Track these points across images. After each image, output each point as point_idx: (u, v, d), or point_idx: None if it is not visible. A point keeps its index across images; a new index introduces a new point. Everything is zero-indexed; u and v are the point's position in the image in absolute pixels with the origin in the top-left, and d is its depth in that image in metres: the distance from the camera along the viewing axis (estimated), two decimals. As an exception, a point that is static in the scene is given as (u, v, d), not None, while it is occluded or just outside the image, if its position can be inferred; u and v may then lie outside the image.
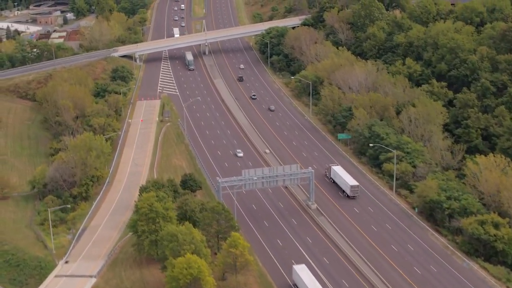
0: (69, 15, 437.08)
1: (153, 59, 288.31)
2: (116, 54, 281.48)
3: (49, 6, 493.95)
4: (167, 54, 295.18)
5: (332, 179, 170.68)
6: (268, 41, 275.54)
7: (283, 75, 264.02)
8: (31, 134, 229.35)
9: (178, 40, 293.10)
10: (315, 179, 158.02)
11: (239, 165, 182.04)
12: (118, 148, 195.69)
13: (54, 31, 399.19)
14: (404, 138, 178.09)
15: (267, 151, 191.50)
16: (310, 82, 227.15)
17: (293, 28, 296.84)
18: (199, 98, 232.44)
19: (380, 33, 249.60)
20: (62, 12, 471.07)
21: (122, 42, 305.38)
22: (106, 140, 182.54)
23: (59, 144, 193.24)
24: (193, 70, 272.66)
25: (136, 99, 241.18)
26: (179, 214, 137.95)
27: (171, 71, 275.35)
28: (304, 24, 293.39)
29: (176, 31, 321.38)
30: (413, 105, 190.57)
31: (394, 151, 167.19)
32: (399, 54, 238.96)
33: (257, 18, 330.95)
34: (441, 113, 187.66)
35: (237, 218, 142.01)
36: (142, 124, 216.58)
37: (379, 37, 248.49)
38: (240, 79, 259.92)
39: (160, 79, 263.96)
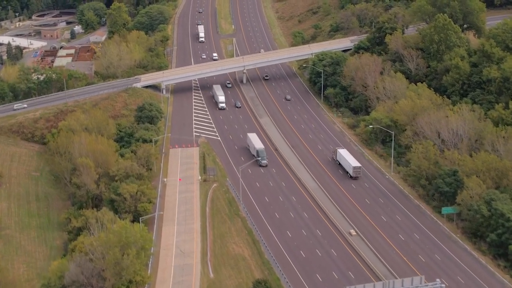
0: (77, 28, 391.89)
1: (182, 89, 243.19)
2: (138, 85, 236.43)
3: (53, 16, 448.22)
4: (197, 83, 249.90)
5: (338, 161, 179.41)
6: (322, 70, 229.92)
7: (343, 112, 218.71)
8: (40, 192, 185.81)
9: (210, 67, 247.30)
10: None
11: (320, 255, 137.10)
12: (155, 225, 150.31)
13: (61, 47, 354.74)
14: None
15: (353, 232, 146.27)
16: (393, 132, 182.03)
17: (344, 51, 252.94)
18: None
19: (465, 64, 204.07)
20: (68, 23, 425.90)
21: (144, 67, 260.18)
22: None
23: (79, 220, 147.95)
24: (224, 109, 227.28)
25: (168, 147, 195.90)
26: None
27: (205, 106, 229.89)
28: (358, 47, 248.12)
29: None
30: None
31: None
32: (491, 91, 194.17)
33: (298, 38, 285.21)
34: None
35: None
36: (181, 185, 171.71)
37: (463, 70, 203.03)
38: (290, 116, 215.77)
39: (194, 118, 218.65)
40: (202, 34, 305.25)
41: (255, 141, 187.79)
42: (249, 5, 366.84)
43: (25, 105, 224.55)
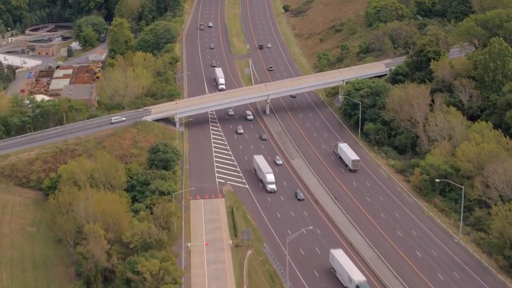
0: (74, 45, 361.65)
1: (198, 121, 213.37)
2: (149, 118, 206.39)
3: (48, 31, 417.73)
4: (214, 114, 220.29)
5: (338, 155, 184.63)
6: (359, 101, 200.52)
7: (386, 152, 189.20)
8: (38, 256, 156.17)
9: (229, 96, 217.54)
10: None
11: None
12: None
13: (58, 67, 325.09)
14: None
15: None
16: (463, 187, 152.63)
17: (378, 77, 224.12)
18: (310, 227, 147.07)
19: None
20: (64, 38, 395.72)
21: (153, 95, 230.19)
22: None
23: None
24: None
25: (189, 198, 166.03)
26: None
27: (226, 143, 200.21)
28: (396, 73, 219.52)
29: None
30: None
31: None
32: None
33: (323, 60, 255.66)
34: None
35: None
36: (209, 251, 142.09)
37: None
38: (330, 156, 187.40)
39: (215, 158, 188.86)
40: (222, 81, 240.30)
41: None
42: (262, 20, 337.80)
43: (124, 118, 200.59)
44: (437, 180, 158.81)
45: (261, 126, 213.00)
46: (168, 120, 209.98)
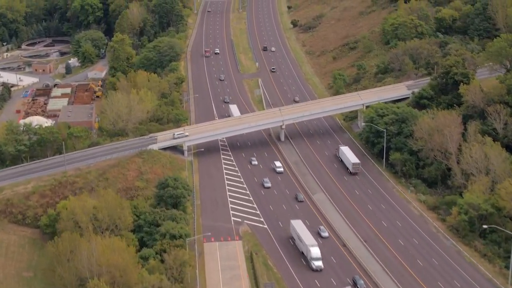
0: (73, 61, 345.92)
1: (207, 149, 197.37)
2: (155, 146, 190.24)
3: (45, 45, 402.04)
4: (225, 140, 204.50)
5: (340, 158, 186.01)
6: (384, 129, 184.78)
7: (416, 186, 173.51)
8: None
9: (242, 122, 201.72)
10: None
11: None
12: None
13: (55, 85, 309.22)
14: None
15: None
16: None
17: (400, 100, 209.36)
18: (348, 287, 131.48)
19: None
20: (62, 54, 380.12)
21: (158, 120, 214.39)
22: None
23: None
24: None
25: (202, 240, 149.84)
26: None
27: (240, 174, 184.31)
28: (420, 97, 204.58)
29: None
30: None
31: None
32: None
33: (339, 81, 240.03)
34: None
35: None
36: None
37: None
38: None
39: (228, 194, 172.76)
40: (236, 113, 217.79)
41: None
42: (270, 35, 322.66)
43: (187, 134, 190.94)
44: (485, 227, 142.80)
45: (275, 153, 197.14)
46: (175, 148, 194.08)
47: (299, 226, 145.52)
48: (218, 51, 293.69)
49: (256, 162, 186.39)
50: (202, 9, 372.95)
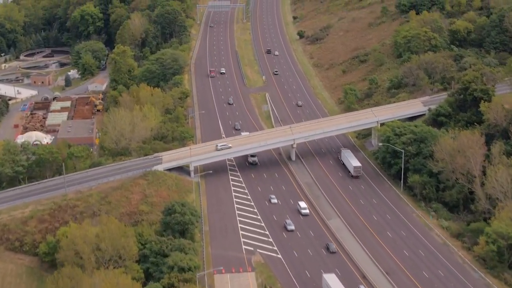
0: (72, 73, 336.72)
1: (214, 170, 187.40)
2: (160, 167, 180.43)
3: (44, 56, 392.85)
4: (233, 160, 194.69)
5: (342, 161, 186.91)
6: (402, 150, 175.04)
7: (437, 211, 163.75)
8: None
9: (251, 141, 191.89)
10: None
11: None
12: None
13: (55, 98, 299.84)
14: None
15: None
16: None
17: (416, 117, 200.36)
18: None
19: None
20: (61, 65, 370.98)
21: (163, 139, 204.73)
22: None
23: None
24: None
25: (212, 272, 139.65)
26: None
27: (250, 197, 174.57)
28: (437, 114, 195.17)
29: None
30: None
31: None
32: None
33: (350, 96, 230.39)
34: None
35: None
36: None
37: None
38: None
39: (238, 219, 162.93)
40: (254, 156, 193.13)
41: None
42: (276, 47, 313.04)
43: (230, 145, 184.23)
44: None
45: (286, 173, 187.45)
46: (181, 168, 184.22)
47: (333, 282, 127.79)
48: (224, 71, 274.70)
49: (276, 201, 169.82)
50: (205, 20, 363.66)
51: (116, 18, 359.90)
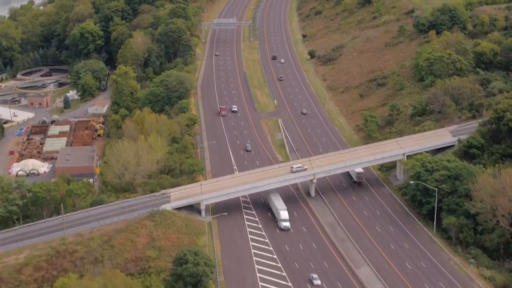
0: (71, 94, 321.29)
1: (227, 208, 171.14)
2: (168, 206, 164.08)
3: (42, 75, 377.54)
4: (247, 196, 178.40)
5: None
6: (435, 188, 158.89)
7: (476, 257, 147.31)
8: None
9: (267, 176, 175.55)
10: None
11: None
12: None
13: (53, 121, 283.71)
14: None
15: None
16: None
17: (444, 149, 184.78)
18: None
19: None
20: (60, 84, 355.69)
21: (170, 171, 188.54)
22: None
23: None
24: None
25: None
26: None
27: (268, 241, 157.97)
28: (469, 145, 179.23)
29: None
30: None
31: None
32: None
33: (371, 124, 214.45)
34: None
35: None
36: None
37: None
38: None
39: (256, 267, 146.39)
40: (285, 214, 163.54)
41: None
42: (286, 68, 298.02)
43: (305, 167, 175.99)
44: None
45: (305, 211, 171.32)
46: (192, 207, 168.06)
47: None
48: (236, 109, 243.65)
49: (319, 282, 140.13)
50: (210, 38, 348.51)
51: (117, 36, 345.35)
